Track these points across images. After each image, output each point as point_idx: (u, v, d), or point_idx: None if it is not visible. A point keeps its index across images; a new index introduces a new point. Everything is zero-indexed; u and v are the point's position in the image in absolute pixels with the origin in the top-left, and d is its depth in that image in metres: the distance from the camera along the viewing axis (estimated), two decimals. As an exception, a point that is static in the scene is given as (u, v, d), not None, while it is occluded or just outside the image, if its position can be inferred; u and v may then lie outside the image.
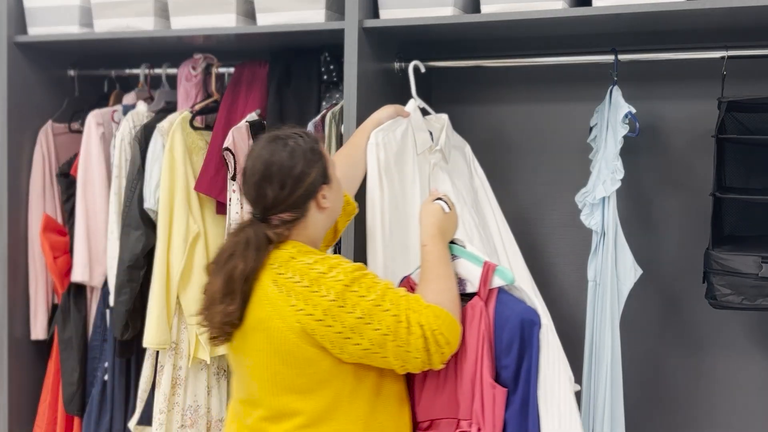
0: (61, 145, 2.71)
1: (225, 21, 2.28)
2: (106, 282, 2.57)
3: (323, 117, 2.17)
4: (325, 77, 2.31)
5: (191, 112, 2.45)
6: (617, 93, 2.03)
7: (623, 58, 2.06)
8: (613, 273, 2.00)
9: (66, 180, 2.67)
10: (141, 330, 2.44)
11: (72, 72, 2.80)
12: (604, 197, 1.98)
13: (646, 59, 2.12)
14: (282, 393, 1.44)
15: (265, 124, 2.33)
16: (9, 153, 2.58)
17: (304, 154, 1.49)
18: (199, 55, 2.52)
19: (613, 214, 2.00)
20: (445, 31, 2.15)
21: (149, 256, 2.44)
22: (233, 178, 2.31)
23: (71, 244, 2.65)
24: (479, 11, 2.02)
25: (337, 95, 2.31)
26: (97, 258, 2.58)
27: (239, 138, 2.30)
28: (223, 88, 2.52)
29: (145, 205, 2.43)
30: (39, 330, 2.69)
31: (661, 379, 2.30)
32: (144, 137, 2.46)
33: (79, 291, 2.66)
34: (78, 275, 2.57)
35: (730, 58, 1.96)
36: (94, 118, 2.59)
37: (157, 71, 2.65)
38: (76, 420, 2.66)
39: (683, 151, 2.24)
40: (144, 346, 2.40)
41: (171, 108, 2.59)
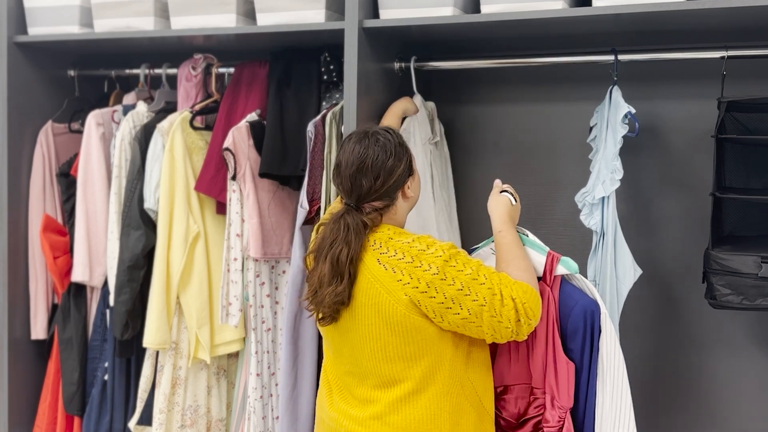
0: (61, 145, 2.72)
1: (225, 21, 2.28)
2: (106, 282, 2.57)
3: (323, 117, 2.17)
4: (325, 77, 2.31)
5: (191, 112, 2.45)
6: (617, 93, 2.03)
7: (623, 58, 2.06)
8: (612, 273, 2.00)
9: (66, 180, 2.67)
10: (141, 330, 2.44)
11: (72, 72, 2.80)
12: (603, 197, 1.98)
13: (646, 59, 2.12)
14: (392, 361, 1.59)
15: (264, 124, 2.33)
16: (9, 153, 2.58)
17: (394, 149, 1.65)
18: (199, 55, 2.52)
19: (613, 214, 1.99)
20: (445, 31, 2.15)
21: (149, 256, 2.44)
22: (233, 178, 2.31)
23: (71, 244, 2.65)
24: (479, 11, 2.02)
25: (337, 95, 2.31)
26: (97, 258, 2.58)
27: (239, 138, 2.30)
28: (223, 88, 2.52)
29: (145, 205, 2.43)
30: (39, 330, 2.69)
31: (661, 379, 2.30)
32: (144, 137, 2.47)
33: (79, 291, 2.66)
34: (78, 275, 2.57)
35: (730, 58, 1.96)
36: (94, 118, 2.60)
37: (157, 71, 2.66)
38: (76, 420, 2.66)
39: (683, 151, 2.24)
40: (144, 346, 2.41)
41: (171, 108, 2.59)
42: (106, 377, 2.57)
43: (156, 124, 2.45)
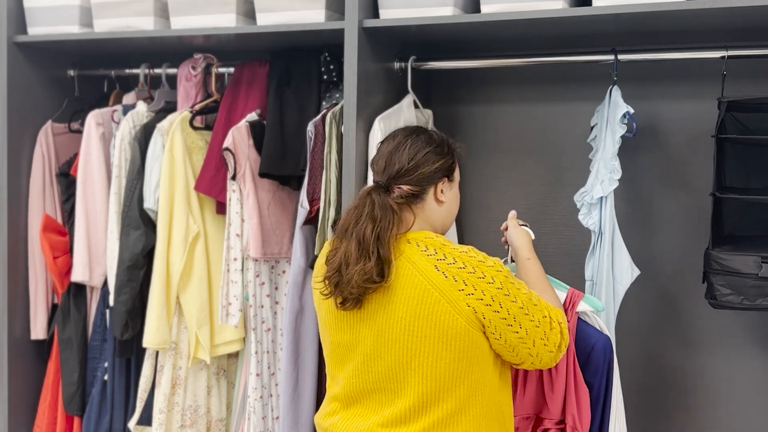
0: (61, 145, 2.71)
1: (225, 21, 2.28)
2: (106, 282, 2.57)
3: (323, 117, 2.17)
4: (325, 77, 2.31)
5: (191, 112, 2.45)
6: (617, 93, 2.02)
7: (623, 58, 2.06)
8: (609, 273, 2.00)
9: (66, 180, 2.67)
10: (141, 330, 2.44)
11: (72, 72, 2.80)
12: (601, 197, 1.98)
13: (646, 59, 2.12)
14: (438, 379, 1.47)
15: (265, 124, 2.33)
16: (9, 153, 2.58)
17: (439, 143, 1.62)
18: (199, 55, 2.52)
19: (611, 213, 1.99)
20: (445, 31, 2.15)
21: (149, 256, 2.44)
22: (233, 178, 2.31)
23: (71, 244, 2.65)
24: (479, 11, 2.02)
25: (337, 95, 2.31)
26: (97, 258, 2.58)
27: (239, 138, 2.30)
28: (223, 88, 2.52)
29: (145, 205, 2.43)
30: (39, 330, 2.69)
31: (661, 379, 2.30)
32: (144, 137, 2.46)
33: (79, 291, 2.66)
34: (78, 275, 2.57)
35: (730, 58, 1.96)
36: (94, 118, 2.60)
37: (157, 71, 2.65)
38: (76, 420, 2.66)
39: (683, 151, 2.24)
40: (144, 346, 2.41)
41: (171, 108, 2.59)
42: (106, 377, 2.57)
43: (156, 124, 2.45)
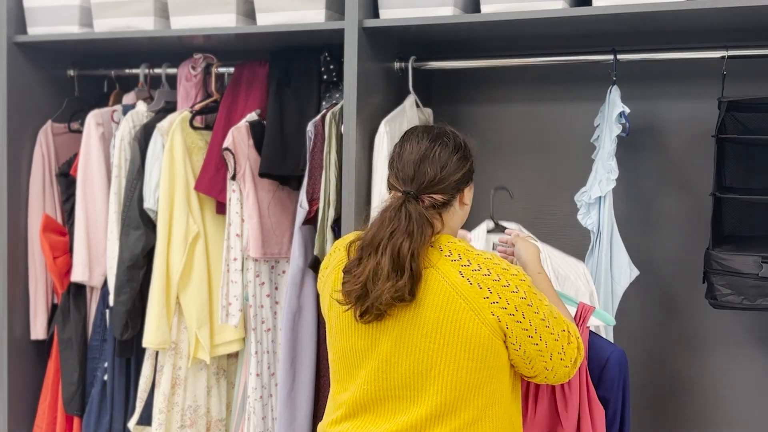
0: (61, 145, 2.71)
1: (225, 21, 2.28)
2: (106, 282, 2.57)
3: (323, 117, 2.17)
4: (325, 77, 2.31)
5: (191, 112, 2.45)
6: (615, 93, 2.03)
7: (623, 58, 2.06)
8: (607, 272, 2.00)
9: (66, 180, 2.67)
10: (141, 330, 2.44)
11: (72, 72, 2.80)
12: (599, 197, 1.98)
13: (646, 59, 2.12)
14: (457, 388, 1.43)
15: (264, 124, 2.33)
16: (9, 153, 2.58)
17: (464, 146, 1.55)
18: (198, 55, 2.52)
19: (609, 213, 2.00)
20: (445, 31, 2.15)
21: (149, 256, 2.44)
22: (233, 178, 2.31)
23: (71, 244, 2.65)
24: (479, 11, 2.02)
25: (337, 95, 2.30)
26: (97, 258, 2.58)
27: (239, 138, 2.30)
28: (223, 88, 2.52)
29: (145, 205, 2.43)
30: (39, 330, 2.68)
31: (661, 379, 2.30)
32: (144, 137, 2.46)
33: (78, 291, 2.66)
34: (78, 275, 2.57)
35: (730, 58, 1.96)
36: (93, 118, 2.59)
37: (157, 71, 2.65)
38: (76, 420, 2.66)
39: (683, 151, 2.24)
40: (144, 346, 2.41)
41: (171, 108, 2.59)
42: (106, 377, 2.57)
43: (156, 124, 2.45)
